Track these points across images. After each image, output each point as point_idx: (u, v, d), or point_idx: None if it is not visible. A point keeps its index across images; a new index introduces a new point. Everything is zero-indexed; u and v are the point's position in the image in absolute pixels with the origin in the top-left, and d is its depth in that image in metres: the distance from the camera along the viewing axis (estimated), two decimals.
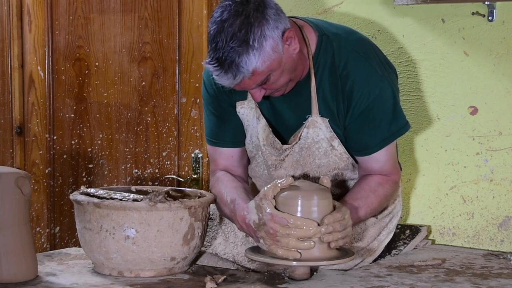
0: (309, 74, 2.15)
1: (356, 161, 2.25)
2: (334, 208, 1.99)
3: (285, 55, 2.00)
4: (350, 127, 2.18)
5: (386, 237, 2.30)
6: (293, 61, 2.05)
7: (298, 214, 1.94)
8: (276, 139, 2.21)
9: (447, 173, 2.62)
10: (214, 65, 1.96)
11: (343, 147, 2.20)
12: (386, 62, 2.24)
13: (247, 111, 2.23)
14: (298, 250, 1.93)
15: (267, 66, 1.96)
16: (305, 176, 2.22)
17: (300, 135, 2.18)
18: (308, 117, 2.16)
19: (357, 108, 2.14)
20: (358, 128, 2.17)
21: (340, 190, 2.27)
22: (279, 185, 1.96)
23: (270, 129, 2.21)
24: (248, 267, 2.14)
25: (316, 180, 2.16)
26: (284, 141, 2.23)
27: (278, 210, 1.94)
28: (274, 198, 1.96)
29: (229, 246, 2.24)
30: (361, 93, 2.13)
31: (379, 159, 2.20)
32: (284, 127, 2.23)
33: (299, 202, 1.95)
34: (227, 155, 2.30)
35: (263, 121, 2.21)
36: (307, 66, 2.14)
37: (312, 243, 1.93)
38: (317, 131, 2.17)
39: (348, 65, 2.13)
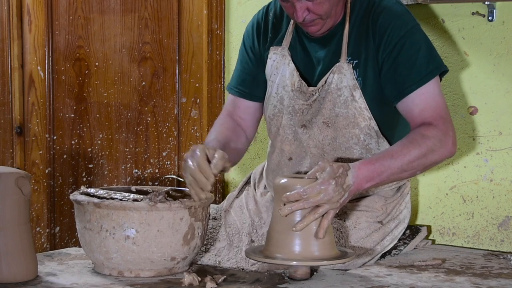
0: (344, 20, 2.21)
1: (382, 132, 2.23)
2: None
3: None
4: (385, 67, 2.16)
5: (390, 243, 2.29)
6: None
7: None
8: (303, 82, 2.26)
9: (447, 173, 2.62)
10: None
11: (364, 101, 2.19)
12: None
13: (279, 58, 2.29)
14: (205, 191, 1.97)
15: None
16: (325, 124, 2.23)
17: (326, 80, 2.22)
18: (337, 62, 2.21)
19: (389, 41, 2.15)
20: (393, 67, 2.15)
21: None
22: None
23: (298, 73, 2.26)
24: (251, 270, 2.14)
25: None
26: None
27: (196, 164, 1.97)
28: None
29: (233, 250, 2.23)
30: (394, 25, 2.15)
31: (417, 101, 2.12)
32: (313, 74, 2.27)
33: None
34: (240, 105, 2.40)
35: (292, 65, 2.27)
36: (342, 12, 2.21)
37: (203, 195, 1.96)
38: (342, 77, 2.19)
39: (382, 3, 2.19)
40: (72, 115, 3.33)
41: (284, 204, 1.93)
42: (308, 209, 1.91)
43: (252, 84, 2.38)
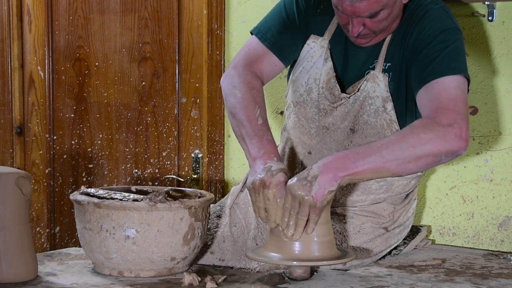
0: None
1: None
2: None
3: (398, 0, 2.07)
4: (415, 60, 2.08)
5: (391, 246, 2.30)
6: (399, 10, 2.11)
7: None
8: (337, 84, 2.21)
9: (447, 173, 2.62)
10: None
11: (395, 114, 2.16)
12: None
13: (317, 48, 2.23)
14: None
15: None
16: (352, 130, 2.20)
17: (360, 87, 2.18)
18: (371, 70, 2.17)
19: (422, 38, 2.07)
20: (419, 57, 2.06)
21: (386, 193, 2.26)
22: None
23: (335, 73, 2.21)
24: (251, 270, 2.14)
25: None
26: (342, 90, 2.22)
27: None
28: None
29: (236, 254, 2.21)
30: (431, 25, 2.07)
31: (428, 91, 2.00)
32: (347, 76, 2.23)
33: None
34: (265, 58, 2.24)
35: (329, 63, 2.21)
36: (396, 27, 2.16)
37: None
38: (375, 86, 2.16)
39: (427, 7, 2.12)
40: (72, 115, 3.33)
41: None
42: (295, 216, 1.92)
43: (290, 44, 2.24)
